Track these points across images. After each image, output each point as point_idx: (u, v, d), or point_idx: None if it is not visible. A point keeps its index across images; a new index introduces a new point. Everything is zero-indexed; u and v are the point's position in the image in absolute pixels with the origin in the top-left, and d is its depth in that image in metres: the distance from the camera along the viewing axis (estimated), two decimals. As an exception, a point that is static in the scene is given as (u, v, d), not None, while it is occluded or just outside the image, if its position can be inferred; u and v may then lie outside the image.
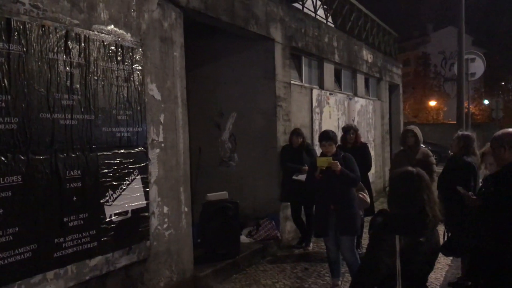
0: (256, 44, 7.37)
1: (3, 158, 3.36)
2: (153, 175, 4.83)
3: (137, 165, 4.61)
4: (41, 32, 3.69)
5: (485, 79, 48.51)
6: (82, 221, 3.99)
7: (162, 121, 5.01)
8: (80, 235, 3.97)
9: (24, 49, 3.55)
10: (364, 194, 5.49)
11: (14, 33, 3.47)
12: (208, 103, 7.77)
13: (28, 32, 3.58)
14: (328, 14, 10.04)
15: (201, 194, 6.72)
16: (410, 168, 2.64)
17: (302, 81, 8.62)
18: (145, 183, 4.70)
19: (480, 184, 4.63)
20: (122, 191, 4.41)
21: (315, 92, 8.84)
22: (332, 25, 10.24)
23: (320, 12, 9.59)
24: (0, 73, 3.37)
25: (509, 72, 53.27)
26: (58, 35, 3.83)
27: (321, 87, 9.29)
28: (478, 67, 12.13)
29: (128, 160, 4.49)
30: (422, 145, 6.47)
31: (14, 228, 3.43)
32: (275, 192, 7.34)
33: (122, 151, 4.44)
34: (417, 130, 6.34)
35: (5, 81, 3.40)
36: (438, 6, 61.40)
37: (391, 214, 2.60)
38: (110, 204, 4.27)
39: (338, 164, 4.97)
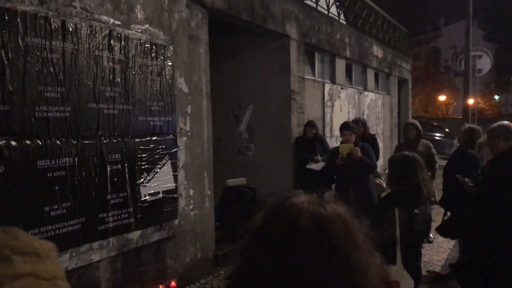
0: (272, 40, 7.83)
1: (58, 142, 3.87)
2: (181, 161, 5.34)
3: (168, 151, 5.12)
4: (89, 31, 4.19)
5: (497, 74, 48.56)
6: (122, 200, 4.51)
7: (189, 112, 5.50)
8: (120, 211, 4.49)
9: (76, 47, 4.06)
10: (381, 180, 5.96)
11: (68, 33, 3.98)
12: (227, 96, 8.26)
13: (79, 32, 4.08)
14: (341, 12, 10.47)
15: (219, 181, 7.22)
16: (406, 152, 3.13)
17: (315, 76, 9.08)
18: (174, 167, 5.21)
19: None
20: (155, 174, 4.93)
21: (327, 86, 9.30)
22: (344, 22, 10.68)
23: (333, 9, 10.03)
24: (57, 68, 3.88)
25: (520, 67, 53.19)
26: (103, 34, 4.33)
27: (333, 81, 9.74)
28: (485, 63, 12.50)
29: (160, 147, 5.00)
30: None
31: (67, 203, 3.95)
32: (289, 180, 7.83)
33: (155, 138, 4.95)
34: (417, 123, 6.78)
35: (60, 75, 3.91)
36: (450, 0, 61.21)
37: (391, 191, 3.09)
38: (145, 185, 4.79)
39: (359, 150, 5.43)
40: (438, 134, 20.89)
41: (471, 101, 13.42)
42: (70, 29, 4.00)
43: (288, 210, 0.99)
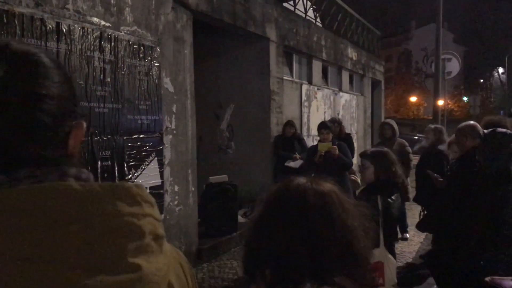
0: (253, 42, 8.09)
1: (53, 139, 4.04)
2: (166, 158, 5.54)
3: (154, 149, 5.31)
4: (81, 33, 4.36)
5: (465, 76, 50.03)
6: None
7: (174, 111, 5.71)
8: (110, 206, 4.66)
9: (69, 48, 4.23)
10: (356, 176, 6.29)
11: (61, 34, 4.14)
12: (208, 96, 8.47)
13: (72, 33, 4.25)
14: (317, 15, 10.81)
15: (201, 178, 7.43)
16: (380, 147, 3.45)
17: (293, 77, 9.38)
18: (161, 164, 5.41)
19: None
20: (143, 170, 5.12)
21: (305, 87, 9.61)
22: (320, 25, 11.01)
23: (310, 12, 10.35)
24: (52, 68, 4.04)
25: (487, 70, 54.87)
26: (94, 36, 4.51)
27: (310, 82, 10.06)
28: (454, 66, 13.04)
29: (147, 144, 5.20)
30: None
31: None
32: (269, 177, 8.10)
33: (143, 136, 5.14)
34: (393, 123, 7.14)
35: (55, 74, 4.07)
36: (421, 4, 62.59)
37: (372, 182, 3.40)
38: (133, 181, 4.98)
39: (337, 149, 5.74)
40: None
41: (440, 102, 13.96)
42: (64, 30, 4.16)
43: (296, 189, 1.24)
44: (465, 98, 50.02)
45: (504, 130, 4.11)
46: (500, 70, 55.47)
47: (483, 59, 53.39)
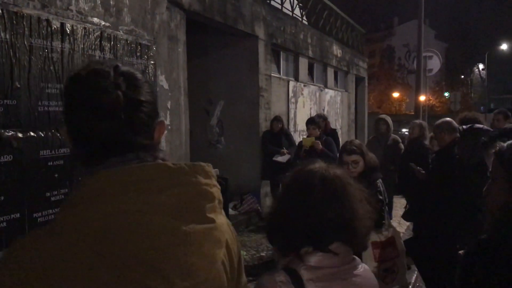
0: (242, 40, 8.34)
1: (57, 134, 4.26)
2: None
3: (151, 143, 5.55)
4: (83, 33, 4.57)
5: (447, 73, 50.89)
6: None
7: (169, 107, 5.95)
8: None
9: (72, 47, 4.44)
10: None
11: (65, 34, 4.35)
12: (199, 92, 8.70)
13: (75, 33, 4.46)
14: (304, 13, 11.10)
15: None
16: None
17: (280, 74, 9.66)
18: (157, 158, 5.65)
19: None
20: (140, 164, 5.36)
21: (291, 84, 9.91)
22: (306, 23, 11.31)
23: (296, 10, 10.63)
24: (57, 66, 4.26)
25: (468, 66, 55.85)
26: (95, 35, 4.72)
27: (296, 79, 10.36)
28: (434, 63, 13.46)
29: (144, 139, 5.43)
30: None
31: (65, 190, 4.35)
32: (257, 171, 8.38)
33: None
34: (388, 119, 7.46)
35: (59, 72, 4.29)
36: (404, 0, 63.37)
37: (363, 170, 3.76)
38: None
39: (320, 143, 6.05)
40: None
41: (422, 98, 14.39)
42: (68, 30, 4.37)
43: (307, 171, 1.54)
44: (446, 94, 50.94)
45: (480, 125, 4.47)
46: (481, 66, 56.52)
47: (464, 56, 54.35)
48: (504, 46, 47.11)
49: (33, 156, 4.02)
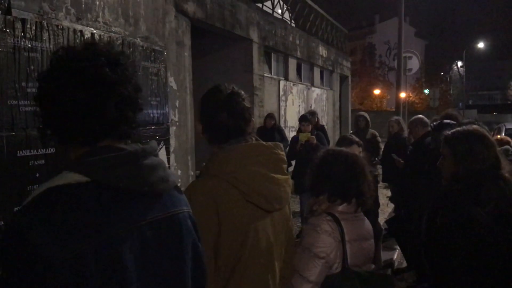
0: (237, 43, 9.04)
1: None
2: (172, 146, 6.47)
3: (163, 138, 6.23)
4: (109, 41, 5.24)
5: (426, 70, 52.20)
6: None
7: (177, 105, 6.63)
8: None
9: (100, 54, 5.10)
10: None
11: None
12: (197, 92, 9.36)
13: (102, 41, 5.12)
14: (292, 16, 11.84)
15: (195, 165, 8.38)
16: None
17: (271, 74, 10.40)
18: (168, 151, 6.34)
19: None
20: (155, 156, 6.05)
21: (282, 83, 10.66)
22: (294, 25, 12.06)
23: (286, 14, 11.37)
24: (88, 71, 4.92)
25: (447, 63, 57.28)
26: (118, 43, 5.38)
27: (286, 78, 11.11)
28: (414, 63, 14.34)
29: (158, 134, 6.11)
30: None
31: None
32: (252, 164, 9.09)
33: (154, 127, 6.05)
34: (366, 115, 8.29)
35: (90, 76, 4.96)
36: (384, -1, 64.60)
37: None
38: (147, 165, 5.90)
39: (314, 138, 6.81)
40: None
41: (402, 95, 15.26)
42: (97, 39, 5.04)
43: (332, 150, 2.30)
44: (426, 91, 52.28)
45: (449, 121, 5.29)
46: (459, 63, 58.02)
47: (443, 53, 55.76)
48: (481, 45, 48.59)
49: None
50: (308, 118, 7.12)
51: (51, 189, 1.09)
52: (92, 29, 4.98)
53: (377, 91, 52.85)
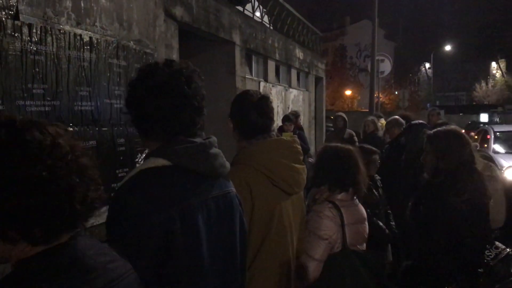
0: (221, 46, 9.36)
1: (87, 128, 5.18)
2: (161, 145, 6.74)
3: (154, 137, 6.50)
4: (105, 44, 5.49)
5: (395, 71, 53.46)
6: (125, 173, 5.86)
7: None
8: (125, 182, 5.85)
9: (97, 57, 5.35)
10: (312, 159, 7.79)
11: (93, 46, 5.26)
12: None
13: (99, 45, 5.37)
14: (271, 20, 12.22)
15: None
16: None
17: (252, 75, 10.74)
18: (158, 150, 6.61)
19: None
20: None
21: (262, 84, 11.01)
22: (272, 28, 12.43)
23: (265, 18, 11.73)
24: (87, 73, 5.17)
25: (415, 65, 58.78)
26: (113, 46, 5.64)
27: (266, 80, 11.47)
28: (386, 66, 14.94)
29: (149, 133, 6.38)
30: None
31: (92, 175, 5.25)
32: (234, 162, 9.42)
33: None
34: (344, 116, 8.76)
35: (89, 78, 5.20)
36: (355, 1, 65.76)
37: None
38: (140, 163, 6.16)
39: (297, 137, 7.20)
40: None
41: (375, 96, 15.86)
42: (94, 43, 5.29)
43: (333, 146, 2.67)
44: (396, 92, 53.52)
45: (417, 121, 5.79)
46: (427, 65, 59.61)
47: (411, 55, 57.21)
48: (448, 47, 50.13)
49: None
50: (291, 119, 7.52)
51: (144, 170, 1.44)
52: (90, 33, 5.23)
53: (348, 92, 53.82)
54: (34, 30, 4.45)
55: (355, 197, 2.64)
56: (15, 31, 4.23)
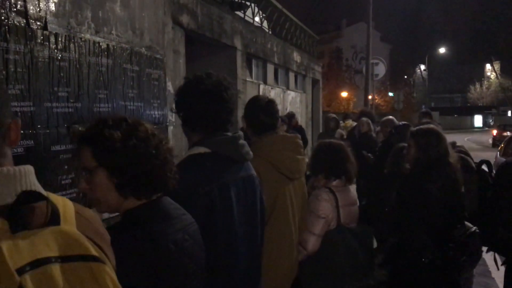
0: (223, 50, 9.85)
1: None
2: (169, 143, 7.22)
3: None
4: (120, 51, 5.97)
5: (391, 73, 54.05)
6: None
7: (173, 107, 7.38)
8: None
9: (113, 62, 5.84)
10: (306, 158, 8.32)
11: (109, 52, 5.75)
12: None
13: (115, 51, 5.86)
14: (270, 24, 12.73)
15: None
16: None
17: (252, 78, 11.24)
18: (166, 148, 7.09)
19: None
20: (156, 153, 6.81)
21: (261, 86, 11.52)
22: (271, 33, 12.95)
23: (264, 23, 12.24)
24: (104, 77, 5.64)
25: (411, 67, 59.40)
26: (127, 52, 6.12)
27: (265, 82, 11.97)
28: (380, 69, 15.46)
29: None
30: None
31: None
32: (236, 161, 9.91)
33: (156, 126, 6.77)
34: (336, 117, 9.26)
35: (106, 82, 5.69)
36: (351, 2, 66.41)
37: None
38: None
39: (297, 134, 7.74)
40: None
41: (371, 98, 16.39)
42: (111, 49, 5.77)
43: (327, 142, 3.16)
44: (390, 94, 54.10)
45: (402, 122, 6.28)
46: (422, 67, 60.25)
47: (407, 57, 57.83)
48: (442, 50, 50.81)
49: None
50: (283, 119, 8.01)
51: (192, 155, 1.94)
52: (107, 40, 5.71)
53: (344, 94, 54.32)
54: (60, 39, 4.92)
55: (347, 183, 3.14)
56: (44, 40, 4.70)
